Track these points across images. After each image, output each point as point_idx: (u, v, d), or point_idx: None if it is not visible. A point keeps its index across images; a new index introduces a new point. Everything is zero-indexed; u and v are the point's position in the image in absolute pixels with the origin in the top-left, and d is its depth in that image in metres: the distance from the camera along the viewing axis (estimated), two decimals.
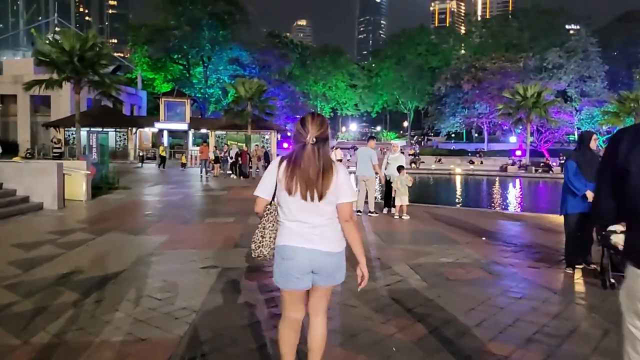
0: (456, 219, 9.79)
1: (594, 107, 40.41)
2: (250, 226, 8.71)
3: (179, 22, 50.08)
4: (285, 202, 2.46)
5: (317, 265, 2.47)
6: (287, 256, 2.47)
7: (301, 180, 2.40)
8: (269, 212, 2.57)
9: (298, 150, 2.47)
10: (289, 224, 2.48)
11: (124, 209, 11.39)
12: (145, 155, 34.01)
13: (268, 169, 2.60)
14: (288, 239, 2.47)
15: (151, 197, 14.06)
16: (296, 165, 2.43)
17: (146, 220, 9.56)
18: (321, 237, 2.46)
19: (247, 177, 21.55)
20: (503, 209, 12.97)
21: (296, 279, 2.49)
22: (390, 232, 8.23)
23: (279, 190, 2.48)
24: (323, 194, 2.41)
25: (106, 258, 6.19)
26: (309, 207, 2.43)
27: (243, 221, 9.34)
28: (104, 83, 24.93)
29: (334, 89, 66.76)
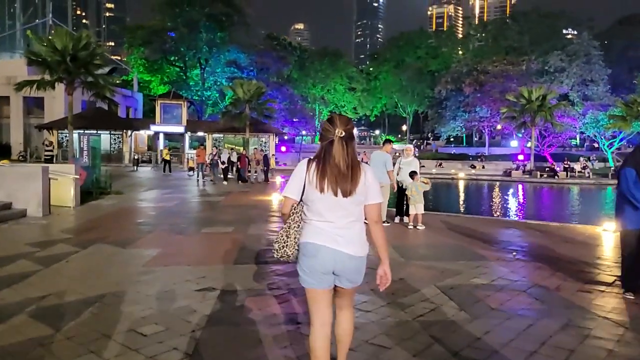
0: (475, 229, 9.00)
1: (597, 110, 39.75)
2: (251, 237, 7.91)
3: (176, 23, 49.27)
4: (314, 201, 2.47)
5: (339, 267, 2.48)
6: (309, 253, 2.48)
7: (331, 175, 2.43)
8: (295, 212, 2.52)
9: (326, 146, 2.48)
10: (315, 222, 2.49)
11: (114, 216, 10.56)
12: (141, 158, 33.16)
13: (296, 170, 2.56)
14: (311, 237, 2.48)
15: (144, 203, 13.22)
16: (326, 161, 2.45)
17: (137, 229, 8.73)
18: (347, 238, 2.48)
19: (246, 182, 20.72)
20: (522, 217, 12.21)
21: (318, 277, 2.50)
22: (407, 245, 7.42)
23: (309, 190, 2.48)
24: (353, 189, 2.44)
25: (87, 277, 5.36)
26: (338, 206, 2.45)
27: (243, 231, 8.52)
28: (97, 84, 24.12)
29: (333, 92, 66.02)
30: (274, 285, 5.09)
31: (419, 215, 8.96)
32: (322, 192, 2.44)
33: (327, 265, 2.48)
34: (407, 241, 7.77)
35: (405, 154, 9.68)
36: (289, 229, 2.52)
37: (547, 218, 12.50)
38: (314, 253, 2.47)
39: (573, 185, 27.64)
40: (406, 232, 8.57)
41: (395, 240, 7.66)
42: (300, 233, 2.52)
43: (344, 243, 2.47)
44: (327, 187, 2.43)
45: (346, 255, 2.47)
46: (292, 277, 5.35)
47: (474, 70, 49.00)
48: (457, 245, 7.38)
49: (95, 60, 23.91)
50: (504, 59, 50.25)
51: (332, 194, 2.43)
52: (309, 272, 2.50)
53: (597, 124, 38.79)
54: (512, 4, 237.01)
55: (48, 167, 11.01)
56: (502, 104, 43.79)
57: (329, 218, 2.47)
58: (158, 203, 13.15)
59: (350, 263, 2.49)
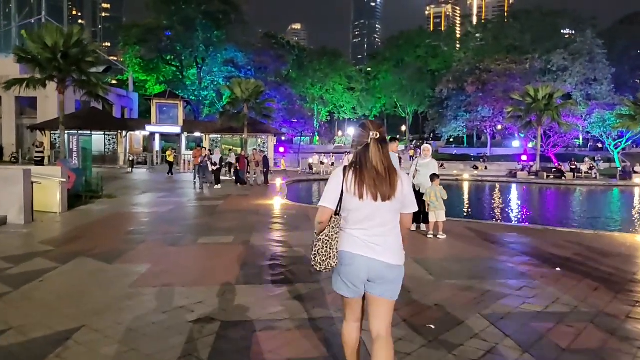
0: (502, 238, 8.15)
1: (603, 110, 38.98)
2: (254, 249, 7.02)
3: (172, 21, 48.34)
4: (352, 210, 2.46)
5: (374, 274, 2.47)
6: (345, 262, 2.48)
7: (370, 179, 2.42)
8: (335, 223, 2.47)
9: (362, 151, 2.49)
10: (351, 231, 2.49)
11: (104, 223, 9.66)
12: (136, 159, 32.20)
13: (332, 178, 2.53)
14: (347, 245, 2.48)
15: (137, 208, 12.32)
16: (363, 166, 2.45)
17: (127, 239, 7.84)
18: (384, 247, 2.46)
19: (245, 184, 19.82)
20: (548, 223, 11.35)
21: (353, 285, 2.51)
22: (432, 258, 6.55)
23: (347, 199, 2.45)
24: (392, 193, 2.44)
25: (61, 303, 4.48)
26: (377, 212, 2.43)
27: (244, 241, 7.64)
28: (89, 82, 23.13)
29: (332, 92, 65.18)
30: (286, 313, 4.21)
31: (440, 224, 8.10)
32: (362, 198, 2.42)
33: (361, 274, 2.47)
34: (431, 254, 6.89)
35: (422, 154, 8.81)
36: (331, 240, 2.46)
37: (573, 224, 11.66)
38: (350, 262, 2.47)
39: (582, 186, 26.80)
40: (427, 243, 7.70)
41: (417, 252, 6.79)
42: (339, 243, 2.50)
43: (380, 251, 2.45)
44: (366, 193, 2.42)
45: (383, 263, 2.45)
46: (308, 302, 4.48)
47: (476, 69, 48.16)
48: (489, 259, 6.51)
49: (87, 58, 22.92)
50: (507, 57, 49.44)
51: (372, 198, 2.42)
52: (345, 281, 2.51)
53: (604, 124, 38.00)
54: (510, 3, 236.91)
55: (30, 169, 10.10)
56: (505, 103, 42.98)
57: (366, 226, 2.46)
58: (152, 208, 12.25)
59: (386, 272, 2.47)
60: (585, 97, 45.95)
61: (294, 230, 8.82)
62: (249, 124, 30.94)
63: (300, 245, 7.35)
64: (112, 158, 34.75)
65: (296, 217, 10.57)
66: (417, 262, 6.15)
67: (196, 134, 37.64)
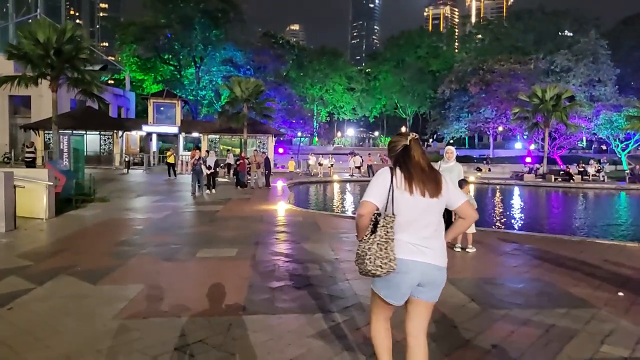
0: (541, 252, 7.28)
1: (609, 111, 38.20)
2: (261, 264, 6.14)
3: (169, 20, 47.38)
4: (402, 209, 2.45)
5: (427, 279, 2.49)
6: (400, 270, 2.46)
7: (416, 175, 2.46)
8: (388, 223, 2.44)
9: (401, 153, 2.53)
10: (402, 235, 2.47)
11: (92, 232, 8.77)
12: (132, 160, 31.28)
13: (379, 175, 2.54)
14: (401, 252, 2.46)
15: (131, 213, 11.42)
16: (408, 164, 2.48)
17: (116, 252, 6.95)
18: (433, 249, 2.48)
19: (246, 187, 18.93)
20: (578, 232, 10.55)
21: (403, 293, 2.52)
22: (468, 279, 5.67)
23: (398, 196, 2.45)
24: (439, 189, 2.48)
25: (23, 344, 3.59)
26: (427, 210, 2.46)
27: (249, 254, 6.76)
28: (84, 80, 22.19)
29: (332, 92, 64.29)
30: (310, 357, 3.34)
31: (469, 235, 7.23)
32: (412, 193, 2.45)
33: (415, 281, 2.49)
34: (466, 272, 6.02)
35: (445, 157, 7.93)
36: (389, 240, 2.44)
37: (605, 233, 10.81)
38: (405, 269, 2.46)
39: (593, 189, 25.99)
40: (456, 258, 6.82)
41: (449, 270, 5.91)
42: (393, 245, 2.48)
43: (431, 254, 2.48)
44: (415, 189, 2.45)
45: (434, 267, 2.48)
46: (334, 340, 3.60)
47: (479, 70, 47.35)
48: (535, 279, 5.64)
49: (81, 55, 21.99)
50: (510, 57, 48.65)
51: (420, 194, 2.46)
52: (394, 288, 2.50)
53: (612, 125, 37.22)
54: (508, 5, 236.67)
55: (12, 172, 9.20)
56: (509, 104, 42.17)
57: (414, 229, 2.47)
58: (146, 213, 11.36)
59: (437, 275, 2.51)
60: (589, 98, 45.21)
61: (304, 241, 7.95)
62: (248, 124, 30.04)
63: (314, 260, 6.47)
64: (107, 159, 33.79)
65: (304, 225, 9.69)
66: (453, 283, 5.28)
67: (194, 134, 36.73)
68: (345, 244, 7.77)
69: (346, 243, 7.81)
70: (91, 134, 34.32)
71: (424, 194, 2.44)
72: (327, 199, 19.39)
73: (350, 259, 6.58)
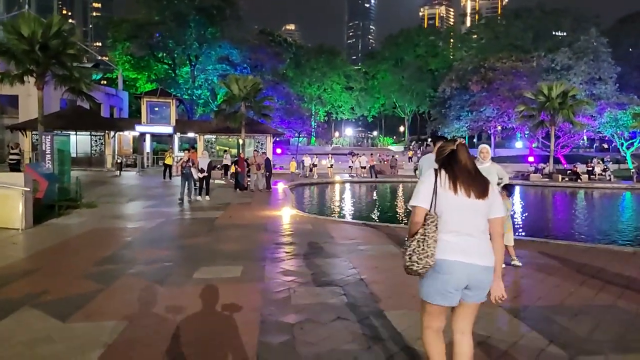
0: (600, 270, 6.23)
1: (612, 109, 37.35)
2: (272, 289, 5.05)
3: (163, 17, 46.09)
4: (446, 209, 2.48)
5: (474, 280, 2.47)
6: (444, 271, 2.46)
7: (462, 177, 2.49)
8: (431, 221, 2.46)
9: (448, 156, 2.57)
10: (446, 236, 2.48)
11: (73, 246, 7.65)
12: (125, 162, 30.05)
13: (424, 178, 2.58)
14: (445, 253, 2.46)
15: (120, 221, 10.29)
16: (454, 166, 2.52)
17: (98, 273, 5.84)
18: (478, 249, 2.47)
19: (245, 190, 17.80)
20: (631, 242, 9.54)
21: (450, 294, 2.49)
22: (532, 307, 4.60)
23: (442, 197, 2.49)
24: (485, 192, 2.50)
25: None
26: (472, 211, 2.48)
27: (257, 274, 5.67)
28: (72, 77, 21.00)
29: (330, 92, 63.20)
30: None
31: (510, 248, 6.19)
32: (456, 192, 2.47)
33: (461, 282, 2.47)
34: (522, 298, 4.93)
35: (480, 157, 6.85)
36: (428, 238, 2.44)
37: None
38: (450, 270, 2.45)
39: (604, 189, 25.06)
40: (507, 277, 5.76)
41: None
42: (436, 243, 2.46)
43: (476, 255, 2.46)
44: (460, 188, 2.47)
45: (480, 267, 2.46)
46: None
47: (480, 68, 46.42)
48: (610, 307, 4.57)
49: (69, 50, 20.78)
50: (511, 55, 47.80)
51: (465, 194, 2.47)
52: (442, 289, 2.48)
53: (617, 124, 36.38)
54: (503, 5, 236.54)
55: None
56: (511, 103, 41.27)
57: (461, 229, 2.47)
58: (137, 221, 10.23)
59: (484, 275, 2.48)
60: (590, 96, 44.47)
61: (318, 255, 6.86)
62: (245, 123, 28.88)
63: (335, 281, 5.38)
64: (98, 160, 32.52)
65: (315, 235, 8.59)
66: (515, 314, 4.23)
67: (190, 134, 35.51)
68: (366, 258, 6.68)
69: (368, 257, 6.73)
70: (81, 135, 33.06)
71: (469, 194, 2.47)
72: (333, 202, 18.22)
73: (378, 279, 5.50)
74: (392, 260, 6.53)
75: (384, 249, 7.31)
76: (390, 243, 7.84)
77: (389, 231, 9.07)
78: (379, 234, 8.81)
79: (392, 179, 29.45)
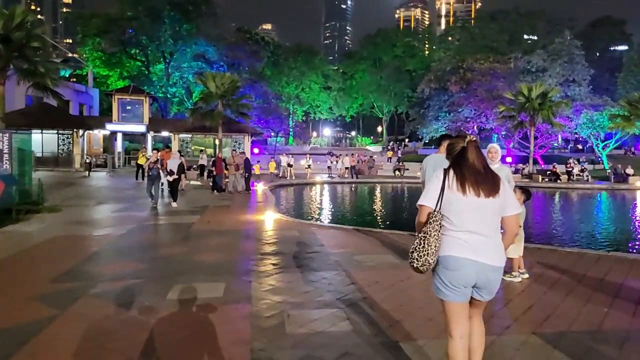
0: (622, 285, 5.67)
1: (588, 110, 37.79)
2: (262, 311, 4.26)
3: (136, 12, 44.43)
4: (454, 210, 2.48)
5: (482, 279, 2.48)
6: (450, 267, 2.48)
7: (470, 176, 2.47)
8: (434, 219, 2.49)
9: (459, 154, 2.55)
10: (456, 234, 2.49)
11: (27, 258, 6.69)
12: (94, 162, 28.63)
13: (434, 178, 2.59)
14: (452, 249, 2.48)
15: (85, 227, 9.31)
16: (462, 165, 2.51)
17: (52, 293, 4.95)
18: (487, 248, 2.46)
19: (224, 192, 16.88)
20: (621, 246, 9.11)
21: (458, 290, 2.50)
22: (567, 336, 3.95)
23: (450, 197, 2.49)
24: (495, 189, 2.47)
25: None
26: (481, 210, 2.46)
27: (242, 293, 4.88)
28: (36, 71, 19.68)
29: (308, 91, 62.41)
30: None
31: (520, 260, 5.59)
32: (465, 194, 2.46)
33: (470, 279, 2.47)
34: (552, 322, 4.28)
35: (488, 157, 6.20)
36: (429, 236, 2.46)
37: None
38: (456, 266, 2.46)
39: (584, 190, 25.08)
40: (513, 290, 5.12)
41: (531, 318, 4.20)
42: (440, 243, 2.50)
43: (484, 254, 2.45)
44: (468, 189, 2.46)
45: (489, 266, 2.46)
46: None
47: (459, 68, 46.44)
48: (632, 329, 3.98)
49: (33, 43, 19.47)
50: (489, 57, 48.04)
51: (474, 194, 2.45)
52: (450, 286, 2.50)
53: (593, 125, 36.79)
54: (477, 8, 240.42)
55: None
56: (489, 103, 41.37)
57: (471, 228, 2.46)
58: (105, 228, 9.27)
59: (492, 274, 2.48)
60: (565, 98, 45.07)
61: (310, 268, 6.11)
62: (223, 122, 27.86)
63: (334, 302, 4.64)
64: (66, 160, 30.94)
65: (303, 243, 7.83)
66: (553, 344, 3.58)
67: (164, 133, 34.21)
68: (364, 271, 5.95)
69: (366, 270, 6.00)
70: (48, 133, 31.40)
71: (479, 194, 2.46)
72: (317, 205, 17.46)
73: (383, 298, 4.79)
74: (393, 272, 5.83)
75: (382, 260, 6.61)
76: (387, 252, 7.15)
77: (383, 238, 8.39)
78: (373, 240, 8.12)
79: (373, 180, 28.90)
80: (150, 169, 12.49)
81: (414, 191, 24.39)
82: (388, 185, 27.50)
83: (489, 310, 4.34)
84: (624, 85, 53.57)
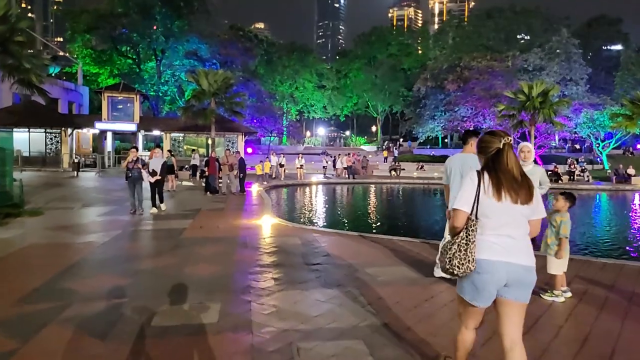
0: None
1: (589, 110, 37.35)
2: (266, 343, 3.50)
3: (127, 8, 43.43)
4: (489, 213, 2.43)
5: (512, 278, 2.42)
6: (484, 270, 2.43)
7: (507, 182, 2.42)
8: (472, 224, 2.43)
9: (492, 156, 2.48)
10: (488, 237, 2.45)
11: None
12: (83, 161, 27.71)
13: (468, 181, 2.50)
14: (485, 253, 2.43)
15: (67, 234, 8.50)
16: (498, 169, 2.44)
17: (18, 317, 4.17)
18: (519, 249, 2.44)
19: (217, 193, 16.09)
20: None
21: (489, 293, 2.46)
22: None
23: (485, 202, 2.43)
24: (530, 197, 2.43)
25: None
26: (515, 215, 2.42)
27: (241, 317, 4.11)
28: (20, 67, 18.73)
29: (302, 90, 61.61)
30: None
31: (562, 276, 4.89)
32: (500, 200, 2.41)
33: (501, 281, 2.43)
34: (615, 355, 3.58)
35: (520, 157, 5.50)
36: (470, 242, 2.41)
37: None
38: (490, 270, 2.42)
39: (589, 190, 24.57)
40: (559, 313, 4.40)
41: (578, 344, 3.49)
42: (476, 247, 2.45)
43: (516, 254, 2.42)
44: (504, 195, 2.41)
45: (521, 266, 2.42)
46: None
47: (456, 67, 45.88)
48: None
49: (17, 37, 18.55)
50: (487, 55, 47.54)
51: (511, 201, 2.42)
52: (481, 290, 2.45)
53: (593, 124, 36.34)
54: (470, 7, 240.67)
55: None
56: (486, 102, 40.85)
57: (502, 232, 2.43)
58: (88, 234, 8.47)
59: (524, 275, 2.44)
60: (562, 97, 44.68)
61: (317, 284, 5.36)
62: (216, 121, 27.03)
63: (349, 331, 3.90)
64: (54, 160, 29.97)
65: (306, 253, 7.07)
66: None
67: (155, 132, 33.31)
68: (380, 288, 5.21)
69: (381, 287, 5.26)
70: (35, 132, 30.41)
71: (516, 201, 2.41)
72: (316, 207, 16.63)
73: (407, 324, 4.05)
74: (413, 290, 5.11)
75: (398, 273, 5.88)
76: (401, 263, 6.41)
77: (392, 245, 7.65)
78: (382, 249, 7.38)
79: (370, 180, 28.22)
80: (129, 170, 11.04)
81: (414, 192, 23.73)
82: (385, 186, 26.82)
83: (539, 343, 3.62)
84: (622, 84, 53.31)
